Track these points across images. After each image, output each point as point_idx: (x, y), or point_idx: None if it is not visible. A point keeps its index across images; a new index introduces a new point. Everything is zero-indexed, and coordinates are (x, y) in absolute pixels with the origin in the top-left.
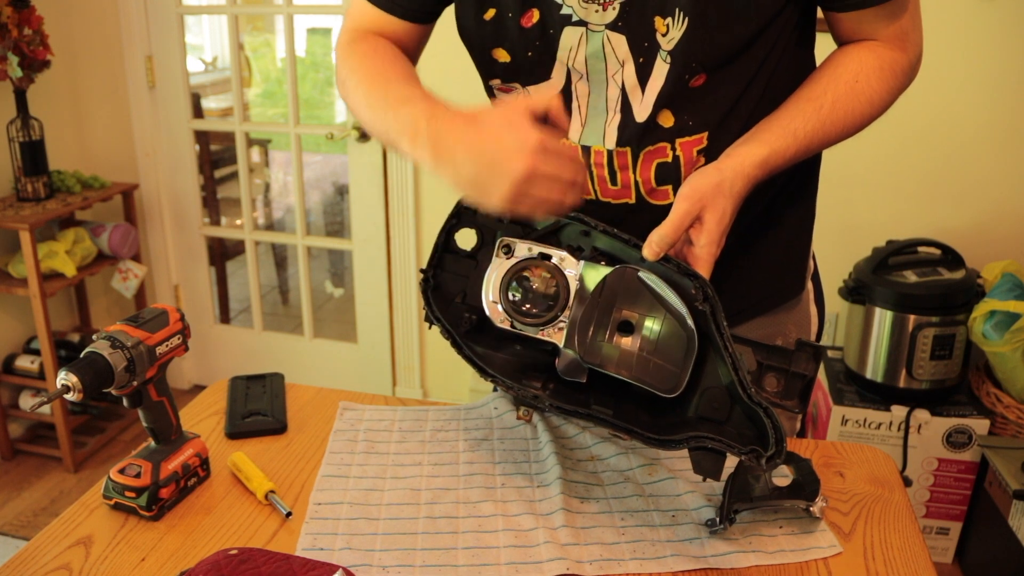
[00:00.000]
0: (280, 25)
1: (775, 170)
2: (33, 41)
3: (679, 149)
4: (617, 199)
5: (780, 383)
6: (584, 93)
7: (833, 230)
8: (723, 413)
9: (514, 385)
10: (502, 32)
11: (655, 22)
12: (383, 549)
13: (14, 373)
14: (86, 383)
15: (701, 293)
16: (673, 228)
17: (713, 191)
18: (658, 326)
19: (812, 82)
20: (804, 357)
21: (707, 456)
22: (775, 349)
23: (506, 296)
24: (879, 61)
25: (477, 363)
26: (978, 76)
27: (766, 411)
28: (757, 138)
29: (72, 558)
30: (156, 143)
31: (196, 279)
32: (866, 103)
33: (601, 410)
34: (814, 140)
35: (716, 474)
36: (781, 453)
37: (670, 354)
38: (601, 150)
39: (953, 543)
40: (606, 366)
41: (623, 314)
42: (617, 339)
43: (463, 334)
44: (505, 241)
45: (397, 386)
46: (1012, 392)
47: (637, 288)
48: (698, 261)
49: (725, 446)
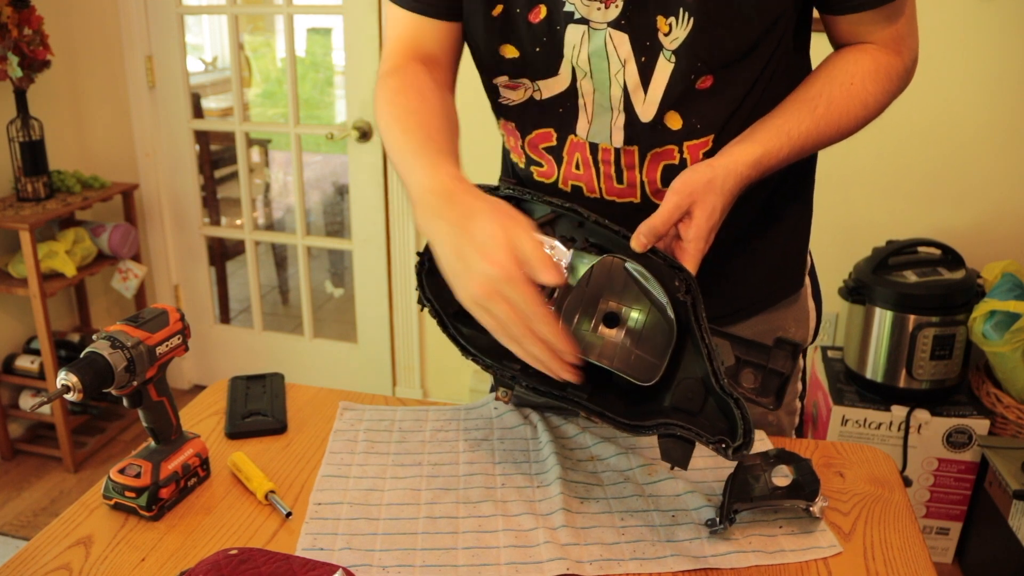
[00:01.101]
0: (280, 25)
1: (769, 170)
2: (33, 41)
3: (686, 152)
4: (622, 198)
5: (757, 379)
6: (589, 91)
7: (833, 230)
8: (696, 404)
9: (493, 365)
10: (510, 28)
11: (657, 21)
12: (383, 549)
13: (14, 373)
14: (86, 383)
15: (684, 285)
16: (662, 221)
17: (704, 187)
18: (642, 317)
19: (808, 84)
20: (783, 355)
21: (676, 444)
22: (754, 345)
23: None
24: (875, 64)
25: (460, 342)
26: (978, 76)
27: (736, 402)
28: (751, 138)
29: (72, 558)
30: (156, 143)
31: (196, 279)
32: (861, 106)
33: (576, 394)
34: (808, 141)
35: (684, 462)
36: (748, 444)
37: (652, 345)
38: (608, 148)
39: (953, 543)
40: (588, 354)
41: (608, 304)
42: (601, 328)
43: (451, 315)
44: None
45: (397, 386)
46: (1012, 392)
47: (624, 279)
48: (685, 255)
49: (693, 435)
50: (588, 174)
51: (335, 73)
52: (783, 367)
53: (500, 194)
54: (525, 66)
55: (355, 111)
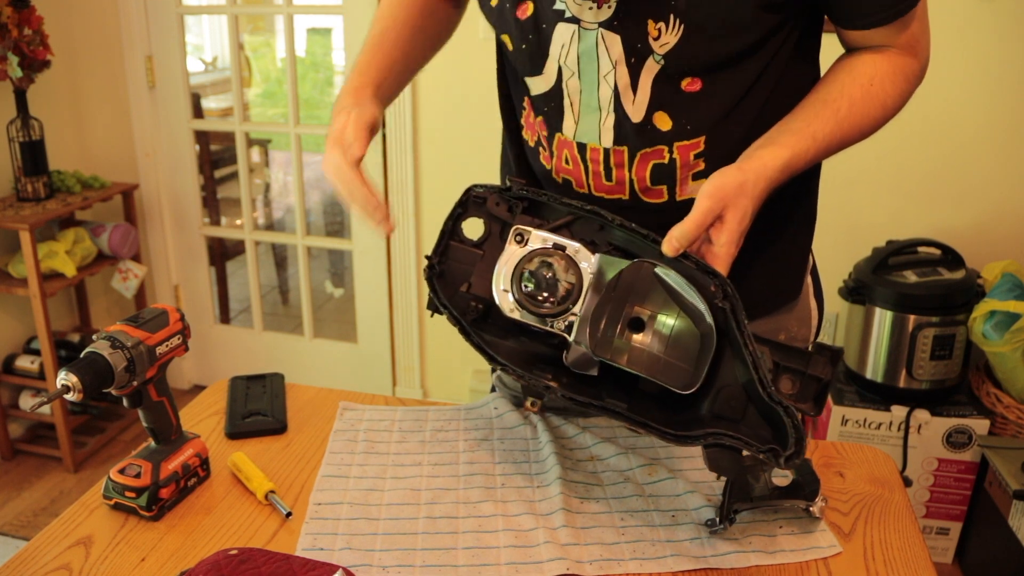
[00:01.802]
0: (280, 25)
1: (796, 172)
2: (33, 41)
3: (676, 152)
4: (610, 194)
5: (796, 385)
6: (576, 90)
7: (833, 230)
8: (738, 412)
9: (525, 375)
10: (503, 20)
11: (647, 25)
12: (383, 549)
13: (14, 373)
14: (86, 383)
15: (721, 291)
16: (695, 225)
17: (736, 191)
18: (672, 322)
19: (827, 84)
20: (822, 360)
21: (724, 454)
22: (793, 351)
23: (518, 285)
24: (892, 66)
25: (487, 351)
26: (978, 76)
27: (787, 410)
28: (778, 141)
29: (72, 558)
30: (156, 143)
31: (196, 279)
32: (879, 107)
33: (615, 403)
34: (832, 143)
35: (733, 472)
36: (801, 452)
37: (683, 351)
38: (597, 148)
39: (953, 543)
40: (618, 360)
41: (636, 310)
42: (629, 334)
43: (470, 323)
44: (519, 229)
45: (397, 386)
46: (1012, 392)
47: (652, 284)
48: (716, 259)
49: (744, 444)
50: (577, 170)
51: (335, 73)
52: (823, 372)
53: (514, 194)
54: (515, 60)
55: None
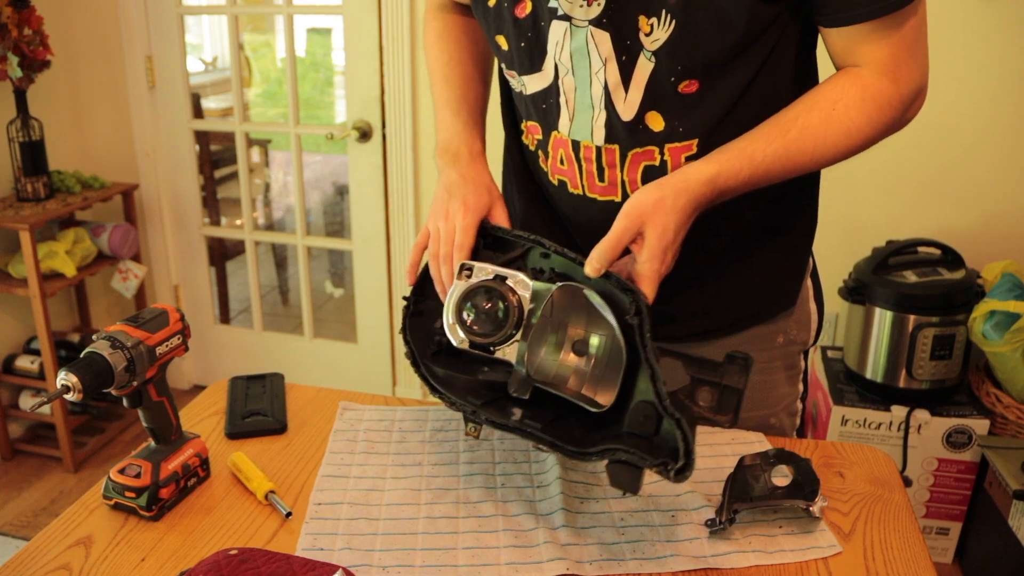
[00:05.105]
0: (280, 25)
1: (729, 191)
2: (33, 41)
3: (667, 154)
4: (604, 196)
5: (714, 397)
6: (571, 88)
7: (833, 230)
8: (651, 427)
9: (457, 401)
10: (500, 20)
11: (639, 21)
12: (383, 549)
13: (14, 373)
14: (86, 383)
15: (634, 307)
16: (611, 245)
17: (653, 207)
18: (601, 342)
19: (788, 107)
20: (734, 369)
21: (623, 469)
22: (706, 362)
23: (460, 317)
24: (862, 92)
25: (429, 381)
26: (978, 76)
27: (678, 422)
28: (711, 157)
29: (72, 558)
30: (156, 143)
31: (196, 279)
32: (842, 133)
33: (531, 424)
34: (775, 165)
35: (633, 487)
36: (690, 466)
37: (612, 370)
38: (590, 145)
39: (953, 543)
40: (549, 383)
41: (572, 331)
42: (565, 356)
43: (431, 355)
44: (466, 264)
45: (397, 386)
46: (1012, 392)
47: (584, 305)
48: (640, 278)
49: (637, 458)
50: (571, 170)
51: (335, 73)
52: (737, 382)
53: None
54: (512, 60)
55: (355, 111)
